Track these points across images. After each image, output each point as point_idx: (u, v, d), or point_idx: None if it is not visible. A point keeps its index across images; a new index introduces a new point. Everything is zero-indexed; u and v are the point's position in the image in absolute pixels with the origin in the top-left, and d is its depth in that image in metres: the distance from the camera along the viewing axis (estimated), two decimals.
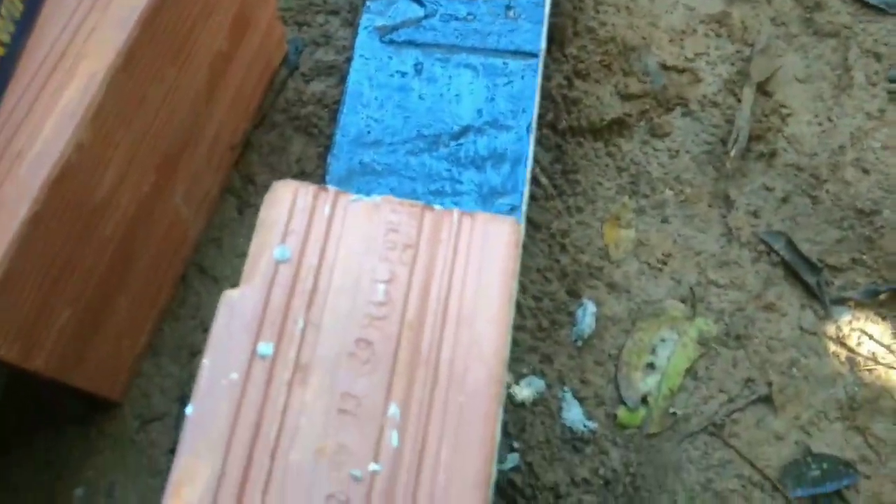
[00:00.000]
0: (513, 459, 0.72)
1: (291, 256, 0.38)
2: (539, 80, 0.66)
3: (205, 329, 0.75)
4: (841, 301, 0.77)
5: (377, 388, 0.35)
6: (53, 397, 0.70)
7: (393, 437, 0.35)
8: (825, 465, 0.72)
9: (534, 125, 0.64)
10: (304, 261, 0.38)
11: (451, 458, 0.34)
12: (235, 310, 0.37)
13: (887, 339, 0.76)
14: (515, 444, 0.72)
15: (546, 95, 0.83)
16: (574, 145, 0.83)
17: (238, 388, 0.36)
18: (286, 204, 0.39)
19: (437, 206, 0.39)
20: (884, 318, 0.76)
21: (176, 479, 0.35)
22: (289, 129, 0.80)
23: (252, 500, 0.35)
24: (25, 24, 0.53)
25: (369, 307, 0.37)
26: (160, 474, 0.69)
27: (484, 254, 0.38)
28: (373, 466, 0.35)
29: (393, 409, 0.35)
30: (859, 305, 0.77)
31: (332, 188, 0.40)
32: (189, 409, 0.36)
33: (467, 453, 0.33)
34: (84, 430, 0.70)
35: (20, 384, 0.65)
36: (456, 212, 0.39)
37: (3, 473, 0.69)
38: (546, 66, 0.84)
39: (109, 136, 0.54)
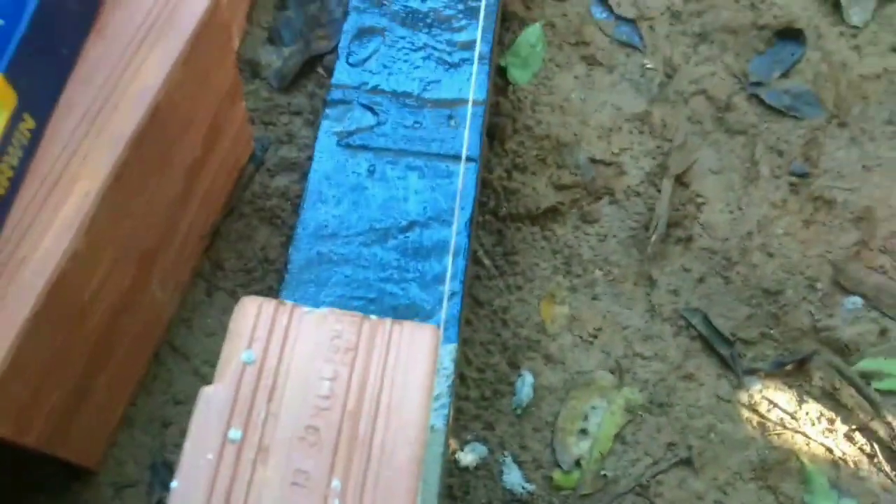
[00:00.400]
0: None
1: (256, 359, 0.51)
2: (460, 183, 0.80)
3: (176, 402, 0.86)
4: (752, 372, 0.90)
5: (322, 465, 0.47)
6: (36, 465, 0.80)
7: None
8: None
9: (455, 221, 0.77)
10: (266, 363, 0.51)
11: None
12: (211, 403, 0.50)
13: (793, 407, 0.89)
14: None
15: (488, 185, 0.98)
16: (513, 230, 0.96)
17: (213, 466, 0.48)
18: (252, 316, 0.52)
19: (373, 317, 0.52)
20: (790, 387, 0.90)
21: None
22: (255, 220, 0.93)
23: None
24: (31, 149, 0.65)
25: (317, 400, 0.49)
26: None
27: (410, 356, 0.51)
28: None
29: (335, 483, 0.47)
30: (768, 376, 0.90)
31: (289, 302, 0.53)
32: (174, 484, 0.47)
33: None
34: (61, 496, 0.81)
35: (3, 455, 0.76)
36: (388, 321, 0.52)
37: None
38: (488, 161, 0.99)
39: (99, 244, 0.66)
